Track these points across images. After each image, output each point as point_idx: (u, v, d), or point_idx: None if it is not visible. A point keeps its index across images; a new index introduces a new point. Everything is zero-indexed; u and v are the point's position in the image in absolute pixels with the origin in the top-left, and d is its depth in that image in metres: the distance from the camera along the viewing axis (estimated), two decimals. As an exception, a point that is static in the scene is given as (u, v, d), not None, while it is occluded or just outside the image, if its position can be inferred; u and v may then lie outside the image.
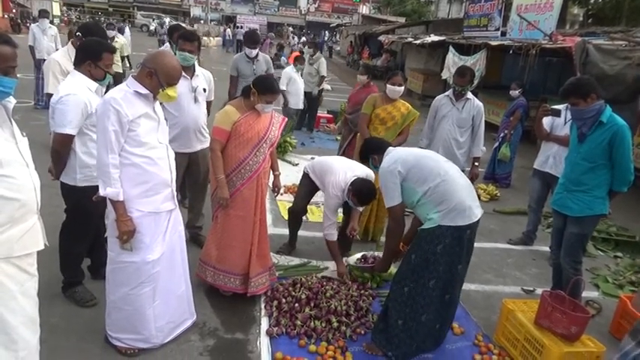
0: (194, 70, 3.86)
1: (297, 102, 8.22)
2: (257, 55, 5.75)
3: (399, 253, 3.36)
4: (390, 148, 3.09)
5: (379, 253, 3.62)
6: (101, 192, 2.49)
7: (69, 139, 2.83)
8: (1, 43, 1.91)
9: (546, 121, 4.42)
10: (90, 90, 2.89)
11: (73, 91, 2.80)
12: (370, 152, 3.20)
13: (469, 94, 4.65)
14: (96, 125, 2.53)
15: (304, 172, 4.20)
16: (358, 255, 3.80)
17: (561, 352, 2.77)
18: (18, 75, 2.02)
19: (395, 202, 2.87)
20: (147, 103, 2.56)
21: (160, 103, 2.76)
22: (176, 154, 2.86)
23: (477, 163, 4.76)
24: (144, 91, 2.53)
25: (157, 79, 2.51)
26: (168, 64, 2.55)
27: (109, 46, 3.02)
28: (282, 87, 7.87)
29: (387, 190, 2.89)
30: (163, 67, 2.52)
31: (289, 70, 8.12)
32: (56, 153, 2.88)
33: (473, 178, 4.71)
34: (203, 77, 3.96)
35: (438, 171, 2.81)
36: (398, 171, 2.84)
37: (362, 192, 3.63)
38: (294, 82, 8.02)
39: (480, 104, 4.66)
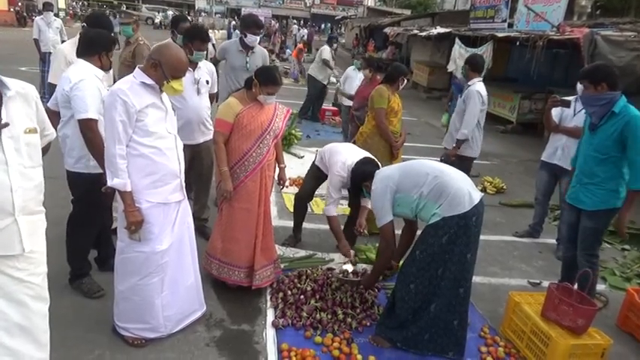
0: (197, 62, 3.84)
1: None
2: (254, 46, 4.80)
3: (390, 269, 3.45)
4: (377, 171, 3.11)
5: (368, 267, 3.57)
6: (109, 182, 2.50)
7: (93, 123, 2.83)
8: None
9: (555, 113, 4.39)
10: (97, 77, 2.92)
11: (84, 77, 2.84)
12: (362, 181, 3.22)
13: (471, 81, 4.80)
14: (104, 117, 2.54)
15: (314, 160, 4.19)
16: (347, 267, 3.64)
17: (568, 344, 2.76)
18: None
19: (386, 220, 2.92)
20: (154, 94, 2.56)
21: None
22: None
23: (454, 144, 4.88)
24: (149, 81, 2.52)
25: (162, 71, 2.50)
26: (173, 56, 2.54)
27: (114, 39, 3.18)
28: (341, 86, 7.89)
29: (378, 210, 2.94)
30: (168, 60, 2.51)
31: (349, 71, 7.89)
32: (89, 142, 2.86)
33: (449, 155, 4.83)
34: (206, 69, 3.94)
35: (425, 170, 2.85)
36: (389, 187, 2.88)
37: (362, 164, 3.51)
38: (352, 79, 7.68)
39: (474, 89, 4.73)
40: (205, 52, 3.77)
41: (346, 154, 3.77)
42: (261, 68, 3.38)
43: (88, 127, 2.83)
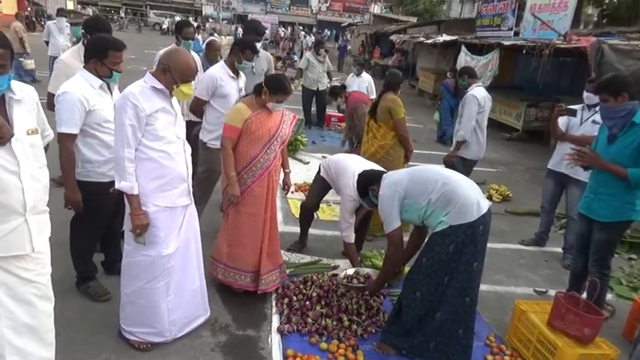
0: (238, 71, 3.97)
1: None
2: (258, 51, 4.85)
3: (395, 274, 3.42)
4: (385, 175, 3.10)
5: (370, 271, 3.51)
6: (116, 185, 2.53)
7: (65, 137, 2.80)
8: None
9: (562, 121, 4.37)
10: (93, 87, 2.86)
11: (68, 89, 2.79)
12: (368, 185, 3.19)
13: (470, 87, 5.00)
14: (114, 120, 2.57)
15: (319, 169, 4.20)
16: (350, 271, 3.56)
17: (575, 354, 2.74)
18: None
19: (394, 226, 2.90)
20: (164, 98, 2.60)
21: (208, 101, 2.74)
22: (217, 149, 2.89)
23: (452, 147, 5.13)
24: (159, 86, 2.56)
25: (171, 76, 2.55)
26: (181, 61, 2.58)
27: (115, 44, 2.89)
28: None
29: (386, 215, 2.92)
30: (177, 64, 2.55)
31: (348, 78, 8.15)
32: (59, 154, 2.83)
33: (448, 157, 5.06)
34: (242, 77, 4.12)
35: (434, 177, 2.82)
36: (397, 192, 2.86)
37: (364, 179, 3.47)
38: (350, 86, 7.93)
39: (470, 94, 4.94)
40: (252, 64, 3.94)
41: (352, 172, 3.66)
42: (271, 77, 3.39)
43: (59, 140, 2.80)
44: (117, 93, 2.94)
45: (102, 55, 2.85)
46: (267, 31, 24.81)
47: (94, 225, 3.16)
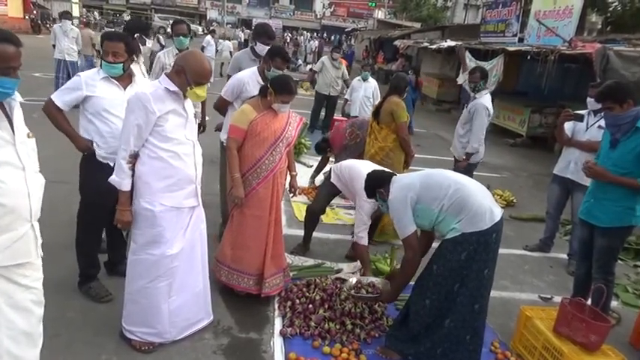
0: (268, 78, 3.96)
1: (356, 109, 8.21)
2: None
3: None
4: (395, 177, 2.99)
5: (374, 279, 3.41)
6: (111, 177, 2.59)
7: (50, 102, 2.97)
8: (1, 41, 1.78)
9: (568, 127, 4.35)
10: (98, 76, 2.98)
11: (79, 74, 3.05)
12: (376, 187, 3.05)
13: (478, 94, 4.89)
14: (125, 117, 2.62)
15: (328, 175, 4.17)
16: (353, 281, 3.37)
17: (581, 361, 2.71)
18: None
19: (409, 231, 2.78)
20: (176, 100, 2.62)
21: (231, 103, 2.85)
22: None
23: (464, 157, 4.99)
24: (173, 88, 2.58)
25: (185, 77, 2.56)
26: (197, 63, 2.60)
27: (108, 34, 3.06)
28: (348, 97, 8.21)
29: (399, 220, 2.81)
30: (192, 66, 2.57)
31: (354, 82, 8.18)
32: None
33: (459, 167, 4.89)
34: None
35: (447, 182, 2.75)
36: (410, 197, 2.76)
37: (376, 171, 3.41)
38: (356, 90, 8.02)
39: (480, 102, 4.85)
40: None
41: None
42: (276, 77, 3.37)
43: (45, 105, 3.01)
44: (131, 91, 2.94)
45: (101, 46, 3.04)
46: (271, 36, 24.89)
47: (95, 218, 3.15)
